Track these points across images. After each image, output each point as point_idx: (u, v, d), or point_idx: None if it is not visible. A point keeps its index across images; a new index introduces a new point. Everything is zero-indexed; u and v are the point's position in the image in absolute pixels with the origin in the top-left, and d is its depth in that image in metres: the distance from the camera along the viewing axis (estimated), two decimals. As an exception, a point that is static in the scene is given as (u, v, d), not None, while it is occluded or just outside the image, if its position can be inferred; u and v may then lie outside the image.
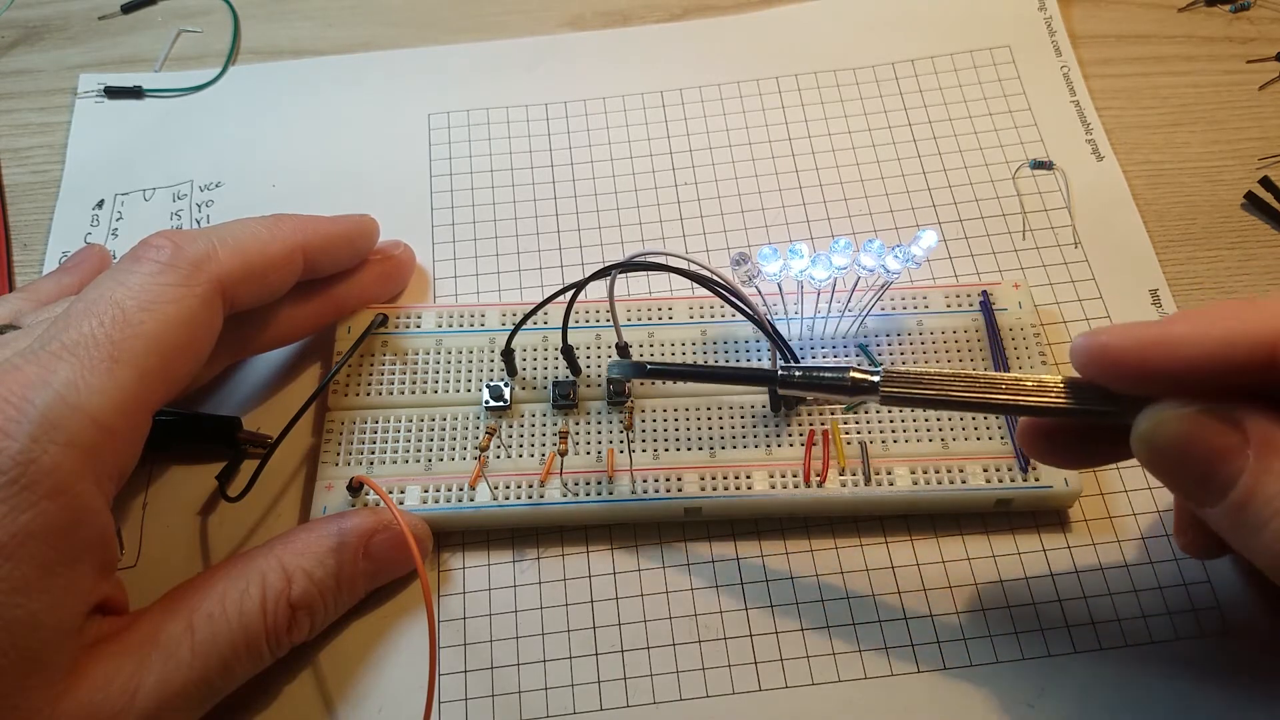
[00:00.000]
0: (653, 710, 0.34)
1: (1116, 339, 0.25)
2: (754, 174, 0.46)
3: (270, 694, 0.34)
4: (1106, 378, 0.26)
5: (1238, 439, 0.24)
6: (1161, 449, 0.25)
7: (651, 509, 0.36)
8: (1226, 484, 0.24)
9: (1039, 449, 0.30)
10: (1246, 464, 0.24)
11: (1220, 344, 0.24)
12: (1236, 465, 0.24)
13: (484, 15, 0.52)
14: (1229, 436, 0.24)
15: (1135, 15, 0.50)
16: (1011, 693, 0.33)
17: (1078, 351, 0.26)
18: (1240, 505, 0.24)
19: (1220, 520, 0.25)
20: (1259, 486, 0.23)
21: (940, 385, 0.28)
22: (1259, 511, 0.23)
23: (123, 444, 0.29)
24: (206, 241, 0.33)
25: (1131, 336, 0.25)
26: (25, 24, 0.53)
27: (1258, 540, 0.24)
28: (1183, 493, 0.26)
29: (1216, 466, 0.24)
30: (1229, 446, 0.24)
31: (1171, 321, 0.25)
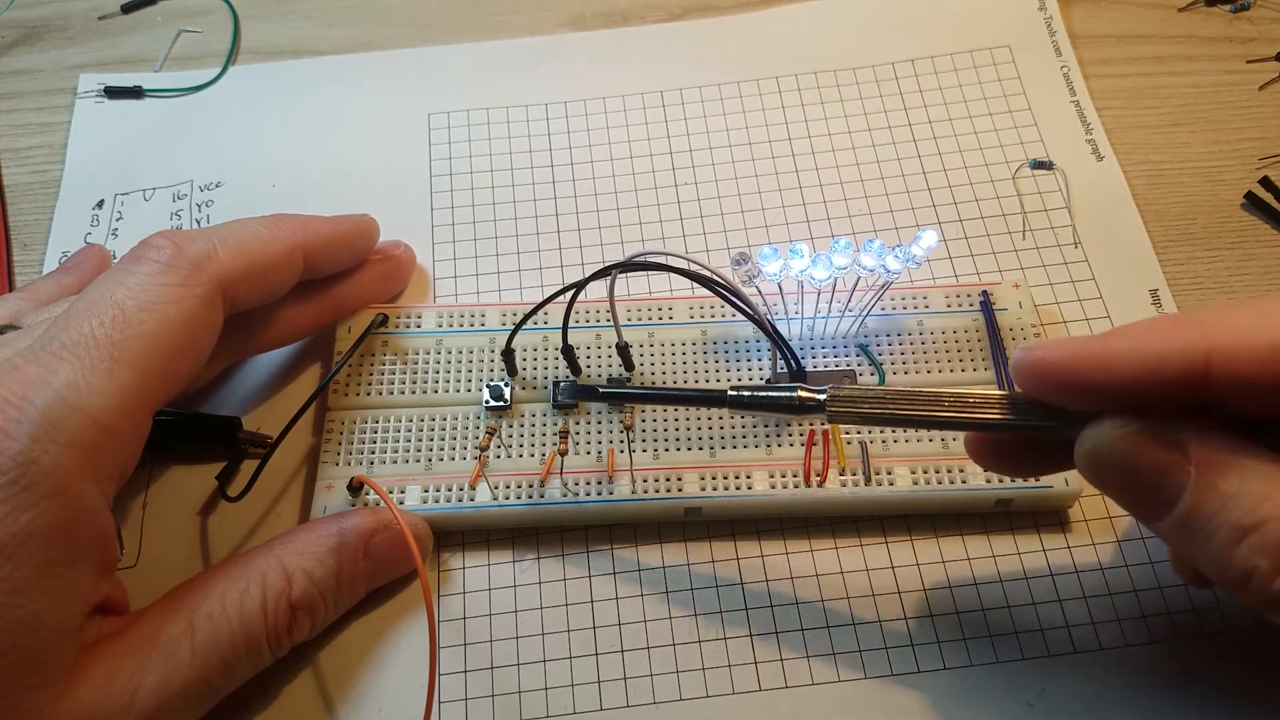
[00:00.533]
0: (653, 710, 0.34)
1: (1054, 354, 0.25)
2: (754, 174, 0.46)
3: (270, 694, 0.34)
4: (1046, 393, 0.26)
5: (1178, 456, 0.24)
6: (1104, 468, 0.26)
7: (651, 509, 0.36)
8: (1170, 500, 0.24)
9: (986, 460, 0.30)
10: (1188, 480, 0.24)
11: (1155, 360, 0.24)
12: (1178, 482, 0.24)
13: (484, 15, 0.52)
14: (1169, 454, 0.24)
15: (1135, 15, 0.50)
16: (1011, 693, 0.33)
17: (1017, 366, 0.26)
18: (1184, 521, 0.24)
19: (1168, 534, 0.25)
20: (1201, 503, 0.24)
21: (885, 404, 0.29)
22: (1203, 526, 0.24)
23: (123, 444, 0.29)
24: (207, 242, 0.33)
25: (1069, 351, 0.25)
26: (25, 24, 0.53)
27: (1204, 554, 0.24)
28: (1129, 509, 0.26)
29: (1159, 484, 0.24)
30: (1169, 464, 0.24)
31: (1109, 337, 0.25)
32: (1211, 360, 0.23)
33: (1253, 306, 0.24)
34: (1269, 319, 0.23)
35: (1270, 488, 0.23)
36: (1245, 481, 0.23)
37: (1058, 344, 0.26)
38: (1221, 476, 0.23)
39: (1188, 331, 0.24)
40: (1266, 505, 0.23)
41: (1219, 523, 0.23)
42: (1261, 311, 0.23)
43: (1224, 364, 0.23)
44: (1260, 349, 0.23)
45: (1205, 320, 0.24)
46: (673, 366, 0.39)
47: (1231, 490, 0.23)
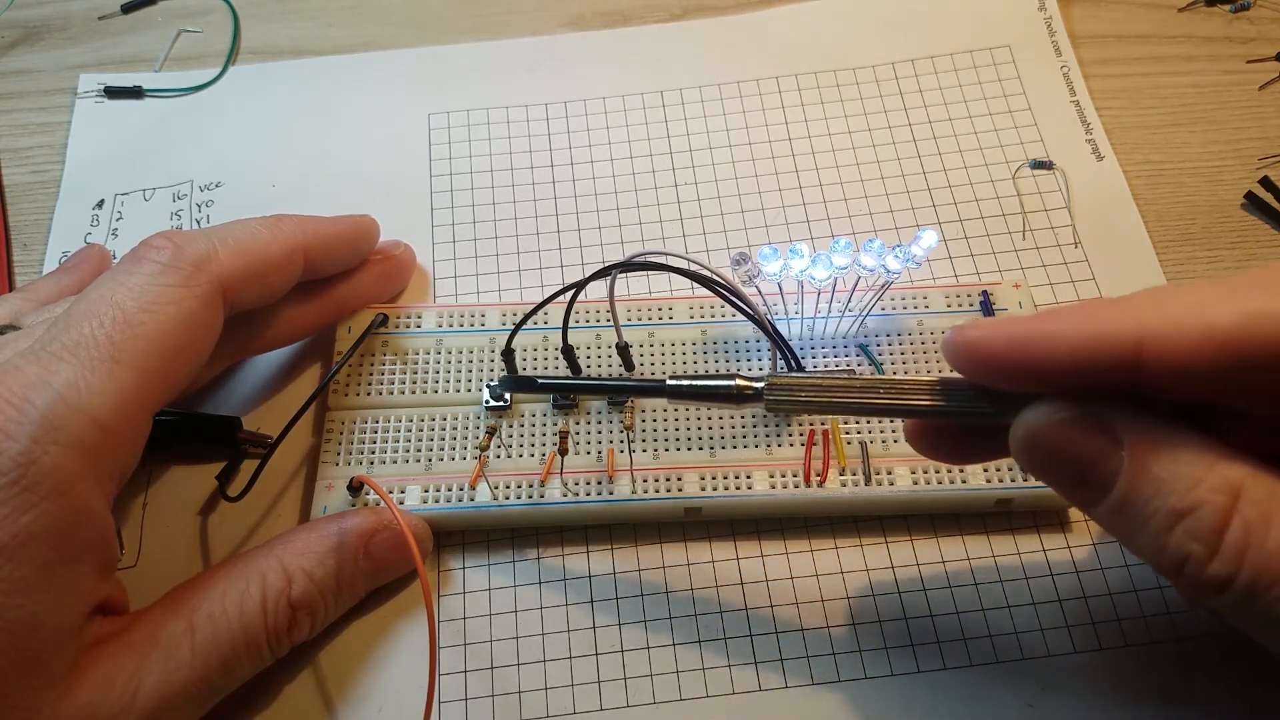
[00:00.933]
0: (653, 710, 0.34)
1: (986, 335, 0.25)
2: (754, 174, 0.46)
3: (270, 694, 0.34)
4: (978, 374, 0.26)
5: (1111, 441, 0.24)
6: (1038, 455, 0.25)
7: (651, 509, 0.36)
8: (1104, 487, 0.24)
9: (925, 447, 0.30)
10: (1121, 466, 0.24)
11: (1087, 343, 0.23)
12: (1111, 468, 0.24)
13: (484, 15, 0.52)
14: (1102, 439, 0.24)
15: (1135, 15, 0.50)
16: (1011, 693, 0.33)
17: (948, 346, 0.26)
18: (1118, 507, 0.24)
19: (1103, 520, 0.25)
20: (1134, 489, 0.23)
21: (822, 391, 0.29)
22: (1138, 512, 0.23)
23: (123, 445, 0.29)
24: (207, 242, 0.33)
25: (1001, 333, 0.25)
26: (25, 24, 0.53)
27: (1139, 540, 0.24)
28: (1065, 496, 0.26)
29: (1092, 471, 0.24)
30: (1102, 449, 0.24)
31: (1041, 318, 0.25)
32: (1144, 345, 0.23)
33: (1186, 291, 0.23)
34: (1202, 305, 0.22)
35: (1203, 472, 0.23)
36: (1178, 466, 0.23)
37: (989, 324, 0.25)
38: (1154, 461, 0.23)
39: (1120, 316, 0.23)
40: (1199, 489, 0.22)
41: (1154, 508, 0.23)
42: (1194, 297, 0.23)
43: (1156, 349, 0.22)
44: (1193, 335, 0.22)
45: (1138, 304, 0.23)
46: (673, 366, 0.39)
47: (1164, 475, 0.23)
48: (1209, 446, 0.23)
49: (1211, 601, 0.23)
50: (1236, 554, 0.22)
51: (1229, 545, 0.22)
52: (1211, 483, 0.22)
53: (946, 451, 0.30)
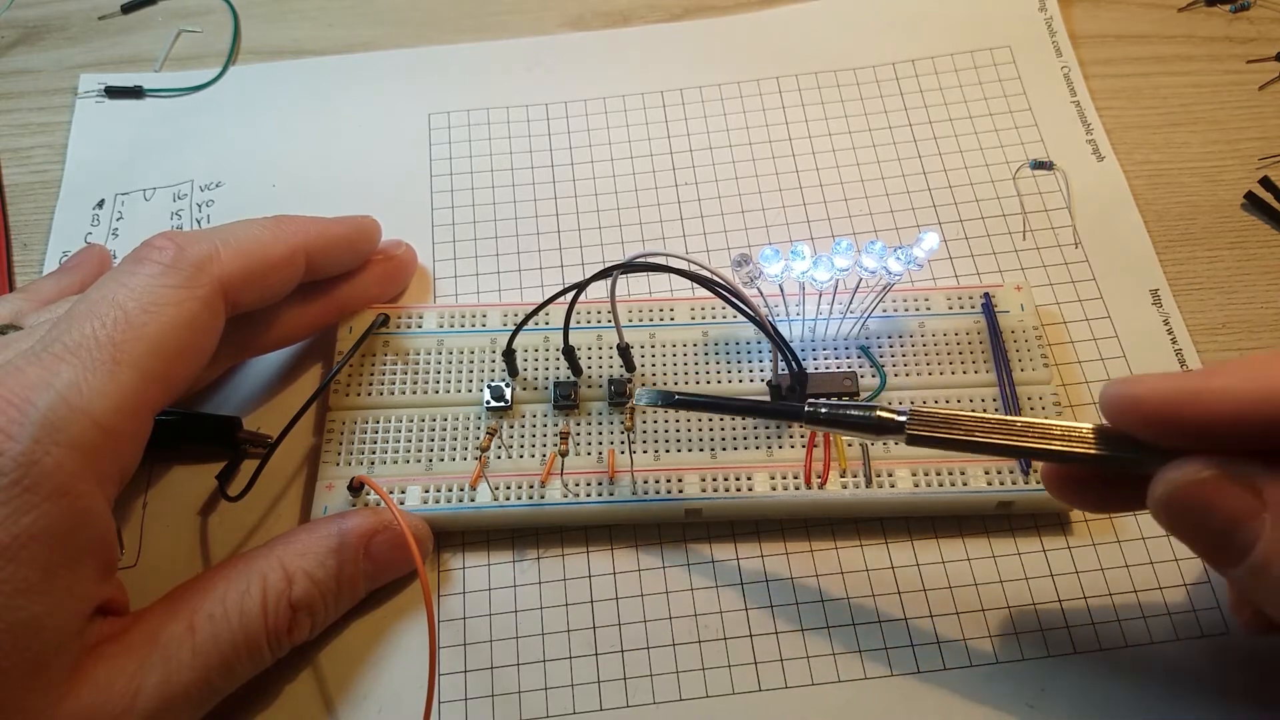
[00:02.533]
0: (653, 710, 0.34)
1: (1149, 391, 0.25)
2: (754, 174, 0.46)
3: (270, 694, 0.34)
4: (1135, 428, 0.26)
5: (1254, 502, 0.23)
6: (1177, 512, 0.25)
7: (652, 510, 0.36)
8: (1245, 548, 0.24)
9: (1061, 491, 0.29)
10: (1264, 527, 0.23)
11: (1255, 400, 0.23)
12: (1253, 529, 0.23)
13: (484, 15, 0.52)
14: (1245, 500, 0.24)
15: (1135, 15, 0.50)
16: (1011, 693, 0.33)
17: (1109, 401, 0.26)
18: (1260, 569, 0.23)
19: (1241, 581, 0.24)
20: (1274, 553, 0.23)
21: (967, 428, 0.28)
22: (1276, 576, 0.23)
23: (124, 445, 0.29)
24: (209, 243, 0.33)
25: (1165, 389, 0.24)
26: (25, 24, 0.53)
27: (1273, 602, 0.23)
28: (1202, 555, 0.26)
29: (1233, 531, 0.24)
30: (1245, 510, 0.24)
31: (1207, 374, 0.24)
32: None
33: None
34: None
35: None
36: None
37: (1151, 380, 0.25)
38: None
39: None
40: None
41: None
42: None
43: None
44: None
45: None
46: (674, 367, 0.39)
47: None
48: None
49: None
50: None
51: None
52: None
53: (1083, 498, 0.29)
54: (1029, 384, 0.38)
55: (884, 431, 0.30)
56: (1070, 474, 0.29)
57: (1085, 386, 0.39)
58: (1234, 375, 0.24)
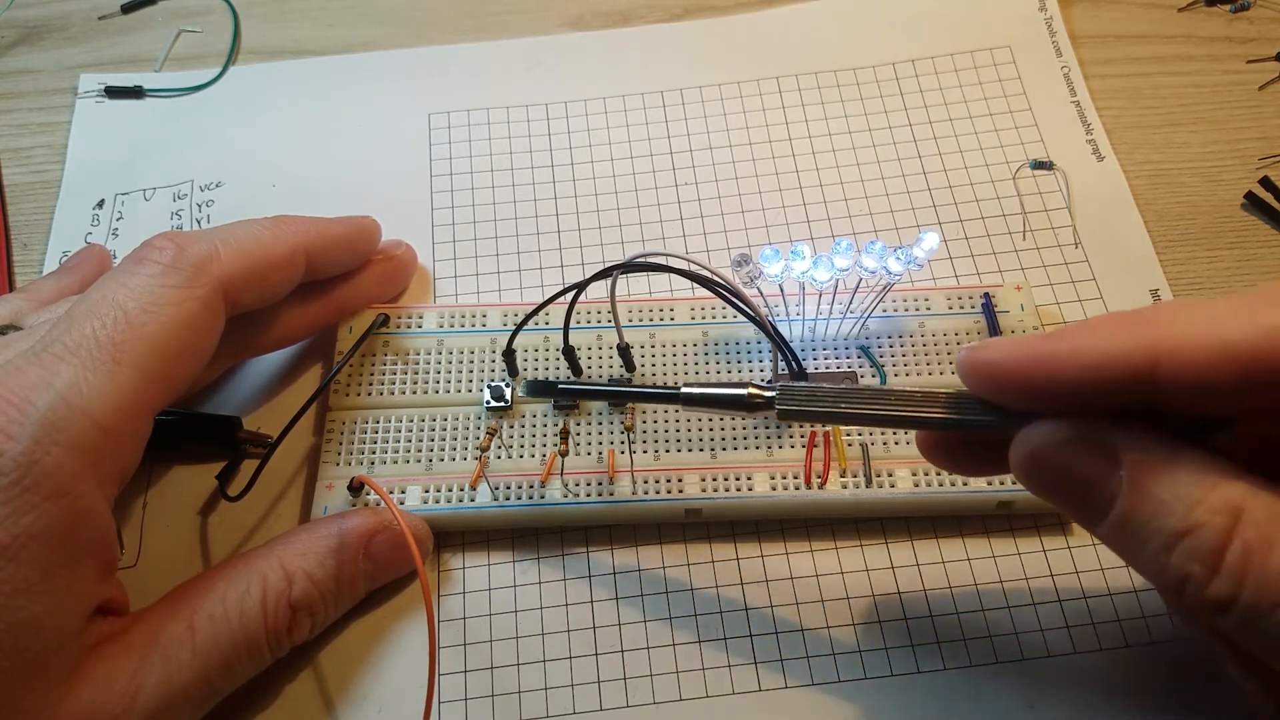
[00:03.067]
0: (653, 710, 0.34)
1: (998, 355, 0.25)
2: (754, 174, 0.46)
3: (270, 694, 0.34)
4: (992, 393, 0.26)
5: (1110, 462, 0.24)
6: (1036, 475, 0.25)
7: (652, 510, 0.36)
8: (1104, 506, 0.24)
9: (936, 458, 0.30)
10: (1120, 486, 0.23)
11: (1102, 361, 0.23)
12: (1110, 488, 0.24)
13: (484, 15, 0.52)
14: (1101, 460, 0.24)
15: (1135, 15, 0.50)
16: (1011, 693, 0.33)
17: (962, 365, 0.26)
18: (1118, 527, 0.24)
19: (1104, 538, 0.25)
20: (1134, 508, 0.23)
21: (833, 401, 0.29)
22: (1138, 533, 0.23)
23: (124, 446, 0.29)
24: (209, 243, 0.33)
25: (1014, 352, 0.25)
26: (25, 24, 0.53)
27: (1140, 560, 0.24)
28: (1065, 513, 0.26)
29: (1092, 490, 0.24)
30: (1101, 471, 0.24)
31: (1055, 337, 0.24)
32: (1159, 362, 0.22)
33: (1201, 307, 0.23)
34: (1218, 320, 0.22)
35: (1203, 491, 0.22)
36: (1178, 486, 0.23)
37: (1003, 344, 0.25)
38: (1154, 481, 0.23)
39: (1135, 333, 0.23)
40: (1199, 510, 0.22)
41: (1153, 529, 0.23)
42: (1210, 312, 0.23)
43: (1172, 366, 0.22)
44: (1210, 351, 0.22)
45: (1153, 321, 0.23)
46: (674, 367, 0.39)
47: (1164, 495, 0.23)
48: (1211, 465, 0.23)
49: (1213, 622, 0.23)
50: (1237, 575, 0.22)
51: (1229, 567, 0.22)
52: (1212, 503, 0.22)
53: (954, 462, 0.30)
54: (1029, 384, 0.38)
55: (755, 408, 0.30)
56: (940, 439, 0.29)
57: (1085, 386, 0.39)
58: (1081, 337, 0.24)
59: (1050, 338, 0.24)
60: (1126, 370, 0.23)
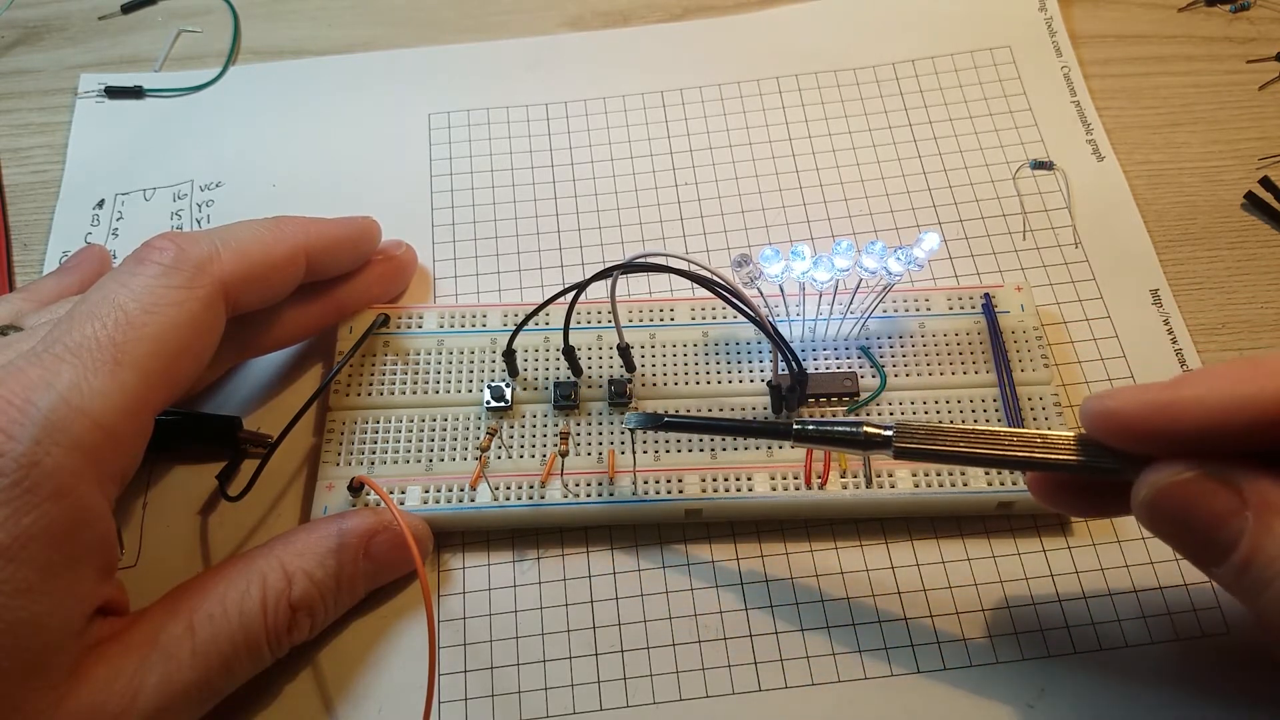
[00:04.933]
0: (653, 710, 0.34)
1: (1124, 404, 0.25)
2: (754, 174, 0.46)
3: (270, 694, 0.34)
4: (1115, 439, 0.26)
5: (1235, 501, 0.24)
6: (1161, 515, 0.26)
7: (652, 510, 0.36)
8: (1228, 546, 0.24)
9: (1048, 498, 0.30)
10: (1246, 526, 0.24)
11: (1227, 408, 0.24)
12: (1235, 527, 0.24)
13: (484, 15, 0.52)
14: (1227, 499, 0.24)
15: (1135, 15, 0.50)
16: (1011, 693, 0.33)
17: (1087, 415, 0.26)
18: (1242, 567, 0.24)
19: (1225, 580, 0.25)
20: (1259, 548, 0.23)
21: (954, 441, 0.29)
22: (1261, 573, 0.23)
23: (125, 446, 0.29)
24: (209, 243, 0.33)
25: (1140, 401, 0.25)
26: (25, 24, 0.53)
27: (1261, 600, 0.24)
28: (1187, 555, 0.26)
29: (1216, 530, 0.24)
30: (1227, 509, 0.24)
31: (1179, 384, 0.25)
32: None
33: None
34: None
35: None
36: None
37: (1126, 393, 0.26)
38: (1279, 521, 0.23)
39: (1259, 379, 0.23)
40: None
41: (1276, 570, 0.23)
42: None
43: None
44: None
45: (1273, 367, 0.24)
46: (674, 368, 0.39)
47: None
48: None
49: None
50: None
51: None
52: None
53: (1070, 504, 0.30)
54: (1029, 384, 0.38)
55: (871, 447, 0.30)
56: (1056, 481, 0.30)
57: (1085, 386, 0.39)
58: (1202, 385, 0.24)
59: (1174, 385, 0.25)
60: (1251, 415, 0.23)
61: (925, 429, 0.29)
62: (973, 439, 0.29)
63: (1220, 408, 0.24)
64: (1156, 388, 0.25)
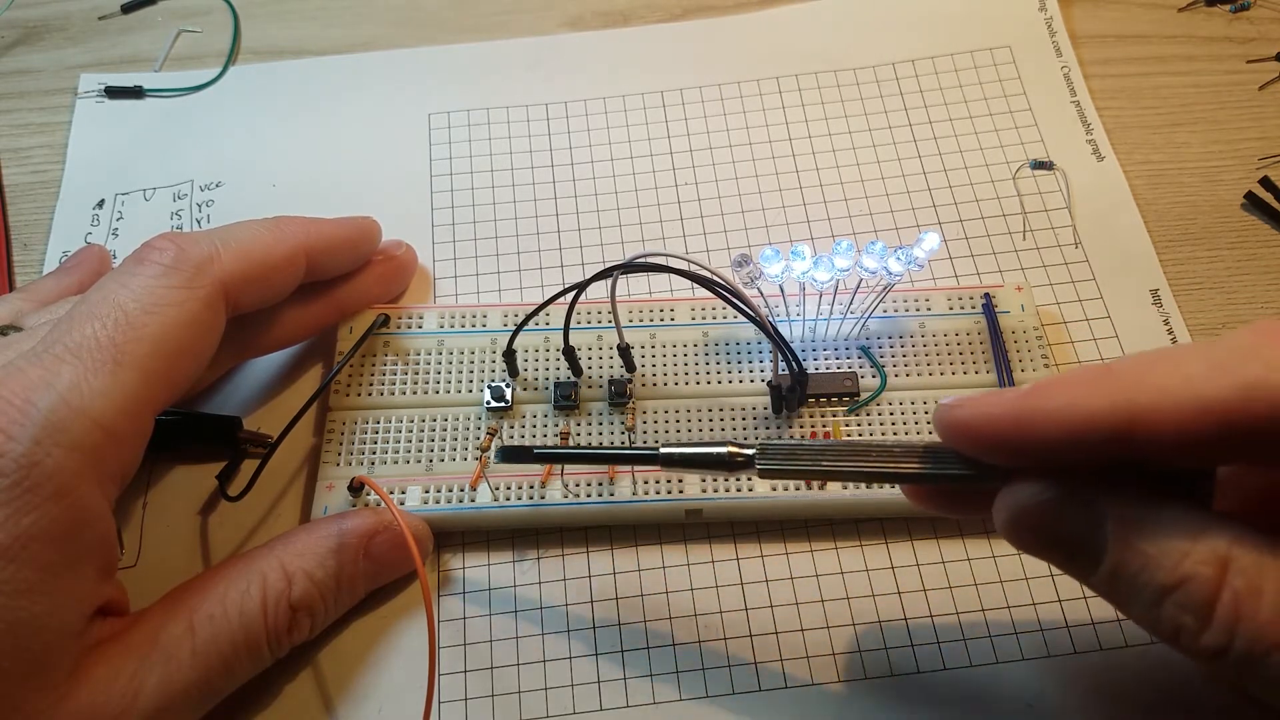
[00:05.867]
0: (653, 710, 0.34)
1: (972, 414, 0.25)
2: (754, 174, 0.46)
3: (270, 694, 0.34)
4: (968, 449, 0.26)
5: (1093, 520, 0.24)
6: (1023, 536, 0.25)
7: (652, 510, 0.36)
8: (1093, 562, 0.24)
9: (922, 504, 0.30)
10: (1106, 542, 0.24)
11: (1075, 422, 0.23)
12: (1097, 544, 0.24)
13: (484, 15, 0.52)
14: (1085, 517, 0.24)
15: (1135, 15, 0.50)
16: (1011, 693, 0.33)
17: (938, 423, 0.26)
18: (1109, 581, 0.24)
19: (1097, 590, 0.25)
20: (1122, 563, 0.23)
21: (814, 457, 0.29)
22: (1128, 587, 0.23)
23: (125, 447, 0.29)
24: (210, 244, 0.33)
25: (988, 412, 0.25)
26: (25, 24, 0.53)
27: (1133, 611, 0.24)
28: (1057, 568, 0.26)
29: (1079, 548, 0.24)
30: (1087, 527, 0.24)
31: (1028, 395, 0.24)
32: (1136, 423, 0.22)
33: (1174, 363, 0.23)
34: (1193, 378, 0.22)
35: (1189, 544, 0.22)
36: (1163, 539, 0.23)
37: (975, 403, 0.25)
38: (1139, 536, 0.23)
39: (1110, 392, 0.23)
40: (1186, 562, 0.22)
41: (1142, 583, 0.23)
42: (1184, 369, 0.22)
43: (1148, 426, 0.22)
44: (1186, 411, 0.22)
45: (1128, 379, 0.23)
46: (674, 368, 0.39)
47: (1150, 550, 0.23)
48: (1195, 516, 0.23)
49: (1210, 667, 0.23)
50: (1228, 625, 0.22)
51: (1220, 618, 0.22)
52: (1199, 555, 0.22)
53: (942, 507, 0.30)
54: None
55: (735, 468, 0.30)
56: (926, 490, 0.30)
57: (1085, 386, 0.39)
58: (1054, 398, 0.24)
59: (1025, 395, 0.24)
60: (1103, 430, 0.23)
61: (786, 446, 0.29)
62: (834, 455, 0.28)
63: (1071, 423, 0.23)
64: (1007, 397, 0.24)
